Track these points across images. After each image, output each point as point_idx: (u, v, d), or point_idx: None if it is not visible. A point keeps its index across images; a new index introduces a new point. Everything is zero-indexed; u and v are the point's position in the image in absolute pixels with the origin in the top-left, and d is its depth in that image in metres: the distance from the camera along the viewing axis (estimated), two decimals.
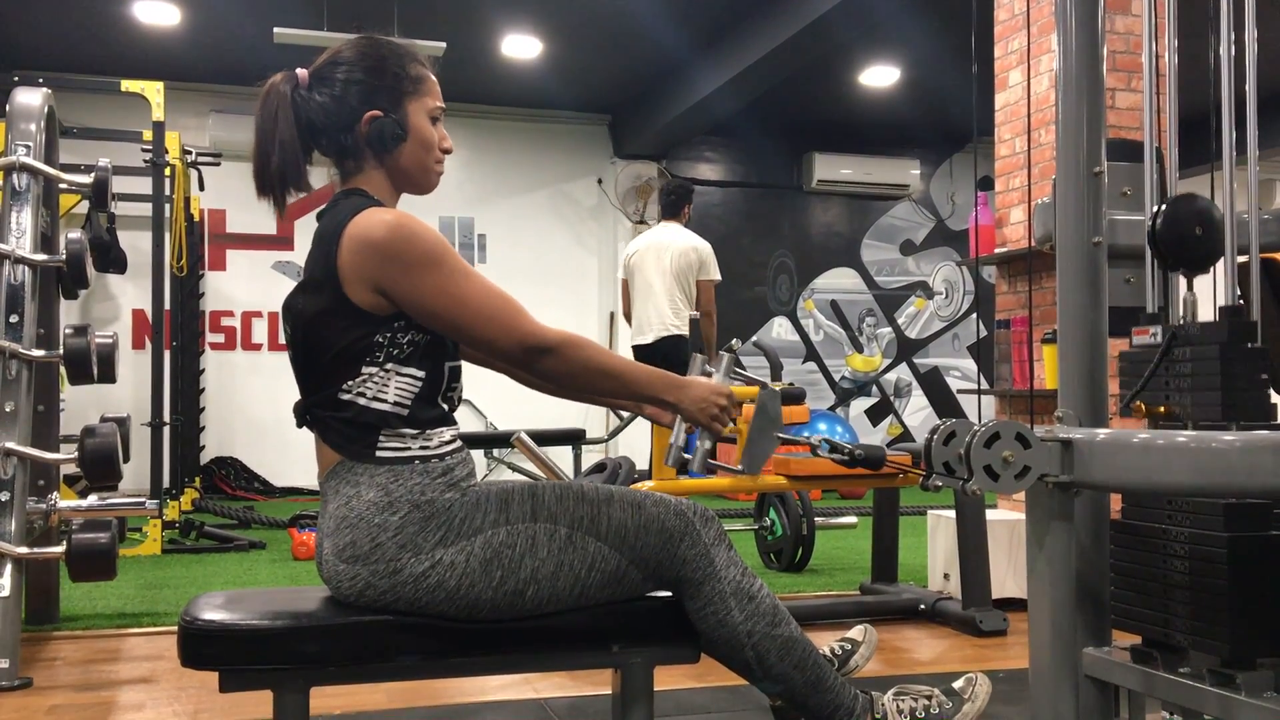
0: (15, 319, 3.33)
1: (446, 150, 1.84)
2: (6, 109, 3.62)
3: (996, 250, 4.77)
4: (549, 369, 1.71)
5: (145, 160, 5.59)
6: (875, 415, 10.12)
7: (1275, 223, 2.15)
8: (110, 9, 6.91)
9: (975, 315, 10.09)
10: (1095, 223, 1.82)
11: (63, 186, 3.81)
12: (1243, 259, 1.71)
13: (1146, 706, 1.78)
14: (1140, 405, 1.69)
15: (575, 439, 5.37)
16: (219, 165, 7.03)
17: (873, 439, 9.71)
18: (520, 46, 7.68)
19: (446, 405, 1.76)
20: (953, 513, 3.79)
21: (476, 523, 1.69)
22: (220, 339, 8.60)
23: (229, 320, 8.64)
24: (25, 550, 3.14)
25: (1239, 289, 1.70)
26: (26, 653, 3.21)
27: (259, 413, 8.42)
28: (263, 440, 8.38)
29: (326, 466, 1.72)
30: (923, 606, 3.81)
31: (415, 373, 1.70)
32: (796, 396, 3.68)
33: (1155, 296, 1.78)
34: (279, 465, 8.39)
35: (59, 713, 2.76)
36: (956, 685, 1.96)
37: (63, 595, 3.85)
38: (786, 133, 9.61)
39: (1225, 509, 1.58)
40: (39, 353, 3.36)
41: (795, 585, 4.46)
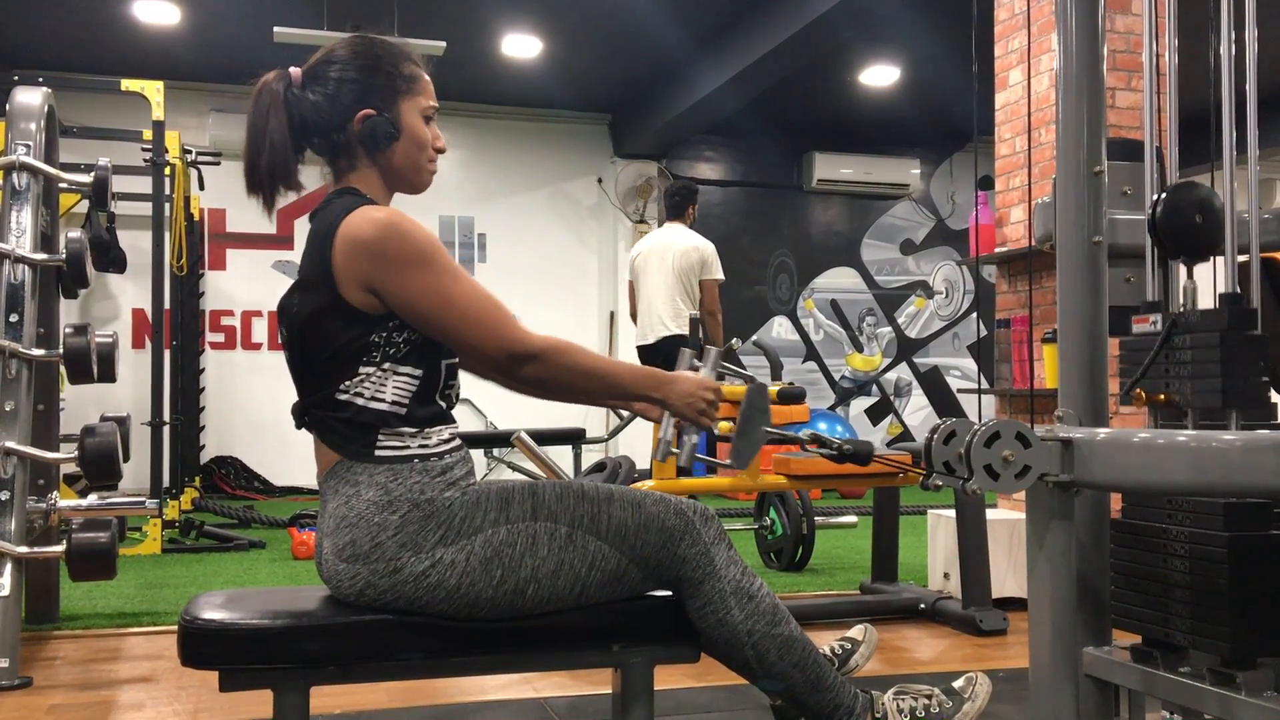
0: (15, 318, 3.33)
1: (440, 149, 1.84)
2: (6, 108, 3.62)
3: (997, 249, 4.77)
4: (534, 375, 1.70)
5: (145, 159, 5.60)
6: (875, 415, 10.12)
7: (1275, 222, 2.14)
8: (110, 8, 6.91)
9: (975, 315, 10.09)
10: (1095, 222, 1.82)
11: (63, 186, 3.80)
12: (1243, 258, 1.71)
13: (1147, 706, 1.78)
14: (1140, 393, 1.69)
15: (575, 438, 5.36)
16: (219, 164, 7.03)
17: (873, 438, 9.71)
18: (520, 46, 7.68)
19: (444, 403, 1.76)
20: (953, 512, 3.79)
21: (477, 522, 1.68)
22: (220, 338, 8.60)
23: (229, 319, 8.64)
24: (25, 549, 3.14)
25: (1239, 288, 1.69)
26: (26, 652, 3.21)
27: (259, 412, 8.42)
28: (262, 439, 8.38)
29: (326, 466, 1.72)
30: (923, 606, 3.81)
31: (412, 371, 1.70)
32: (796, 396, 3.67)
33: (1155, 288, 1.78)
34: (279, 465, 8.38)
35: (59, 712, 2.76)
36: (957, 685, 1.96)
37: (63, 594, 3.85)
38: (786, 132, 9.61)
39: (1225, 508, 1.57)
40: (39, 352, 3.36)
41: (795, 585, 4.46)
